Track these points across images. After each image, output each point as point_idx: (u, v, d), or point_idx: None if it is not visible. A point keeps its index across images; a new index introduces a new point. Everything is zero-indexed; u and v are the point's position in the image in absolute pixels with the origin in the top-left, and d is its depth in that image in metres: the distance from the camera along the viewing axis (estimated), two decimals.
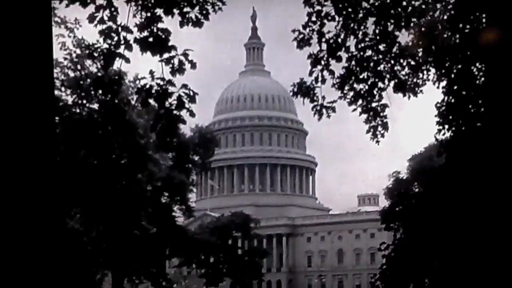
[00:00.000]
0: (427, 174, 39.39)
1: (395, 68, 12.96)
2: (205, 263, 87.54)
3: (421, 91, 13.55)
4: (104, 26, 10.24)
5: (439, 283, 36.89)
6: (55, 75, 35.18)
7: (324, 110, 13.02)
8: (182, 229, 53.61)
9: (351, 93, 12.91)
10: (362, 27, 12.35)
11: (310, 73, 12.73)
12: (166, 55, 10.37)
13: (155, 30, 10.32)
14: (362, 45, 12.44)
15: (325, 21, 12.25)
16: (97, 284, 46.24)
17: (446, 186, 28.14)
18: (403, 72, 13.13)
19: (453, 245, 29.89)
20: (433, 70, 13.77)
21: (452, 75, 14.01)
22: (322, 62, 12.51)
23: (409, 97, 13.40)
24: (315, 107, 13.01)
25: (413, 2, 12.47)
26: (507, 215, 8.31)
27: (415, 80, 13.35)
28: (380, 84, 12.97)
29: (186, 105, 10.53)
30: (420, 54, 13.25)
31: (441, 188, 30.43)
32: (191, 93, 10.49)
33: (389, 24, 12.28)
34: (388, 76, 12.93)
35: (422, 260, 38.07)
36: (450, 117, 14.51)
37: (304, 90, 12.95)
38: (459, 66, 13.82)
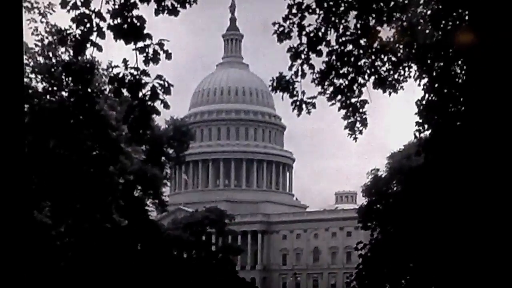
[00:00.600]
0: (406, 173, 39.63)
1: (376, 63, 13.00)
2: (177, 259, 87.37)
3: (401, 87, 13.61)
4: (77, 12, 10.12)
5: (416, 284, 37.19)
6: (25, 61, 34.80)
7: (304, 106, 12.99)
8: (155, 224, 53.43)
9: (331, 89, 12.92)
10: (343, 21, 12.36)
11: (290, 67, 12.71)
12: (140, 44, 10.28)
13: (129, 18, 10.23)
14: (343, 39, 12.45)
15: (306, 14, 12.24)
16: None
17: (425, 186, 28.37)
18: (384, 68, 13.17)
19: (431, 246, 30.13)
20: (414, 67, 13.83)
21: (434, 73, 14.09)
22: (302, 56, 12.50)
23: (389, 93, 13.45)
24: (295, 102, 12.99)
25: None
26: (487, 216, 8.37)
27: (395, 76, 13.41)
28: (360, 80, 13.01)
29: (161, 97, 10.46)
30: (401, 51, 13.31)
31: (420, 187, 30.67)
32: (166, 84, 10.42)
33: (370, 18, 12.30)
34: (368, 71, 12.96)
35: (399, 260, 38.36)
36: (430, 115, 14.60)
37: (283, 84, 12.92)
38: (441, 64, 13.90)
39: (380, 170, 50.79)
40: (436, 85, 14.23)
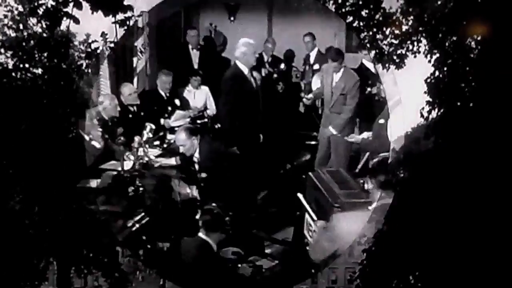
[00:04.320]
0: (414, 159, 39.64)
1: (377, 37, 12.99)
2: None
3: (404, 63, 13.57)
4: None
5: (425, 280, 37.38)
6: None
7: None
8: None
9: None
10: None
11: None
12: (120, 16, 10.25)
13: None
14: (342, 10, 12.44)
15: None
16: (41, 273, 45.92)
17: (435, 173, 28.35)
18: (385, 42, 13.16)
19: (442, 238, 30.26)
20: (424, 41, 13.79)
21: (446, 48, 14.05)
22: None
23: (387, 69, 13.43)
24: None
25: None
26: (503, 206, 8.41)
27: (401, 51, 13.39)
28: None
29: None
30: (410, 23, 13.27)
31: (430, 175, 30.67)
32: None
33: None
34: (368, 45, 12.96)
35: (407, 254, 38.44)
36: (441, 94, 14.57)
37: None
38: (454, 38, 13.86)
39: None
40: (449, 61, 14.20)
